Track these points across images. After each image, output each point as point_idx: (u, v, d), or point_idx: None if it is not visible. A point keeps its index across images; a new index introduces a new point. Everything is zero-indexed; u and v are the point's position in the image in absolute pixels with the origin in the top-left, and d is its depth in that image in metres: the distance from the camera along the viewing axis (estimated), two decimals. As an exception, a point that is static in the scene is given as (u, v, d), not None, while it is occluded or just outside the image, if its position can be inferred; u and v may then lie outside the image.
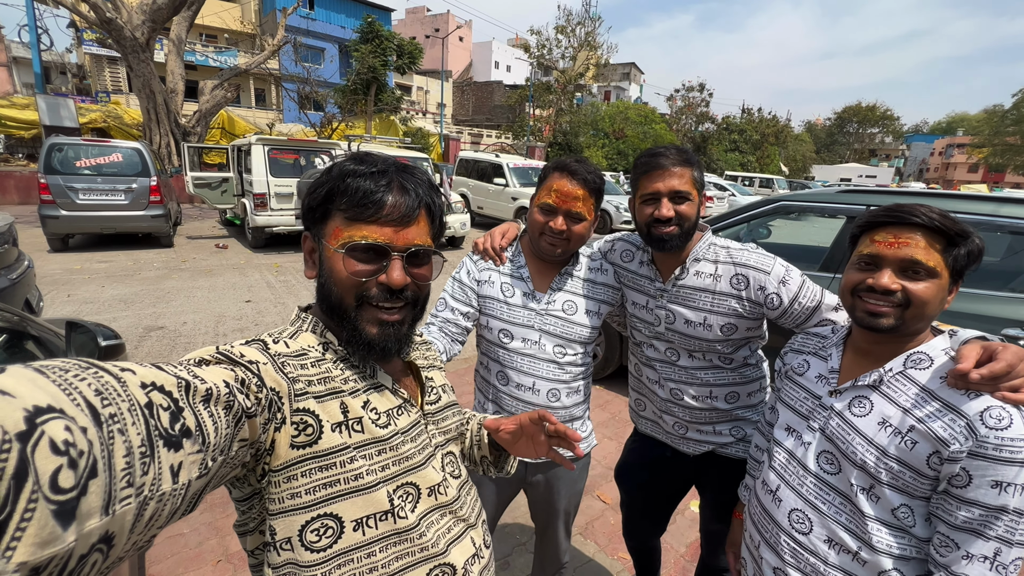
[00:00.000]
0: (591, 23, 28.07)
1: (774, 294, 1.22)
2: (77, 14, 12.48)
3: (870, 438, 0.87)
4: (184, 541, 2.14)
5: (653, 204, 1.23)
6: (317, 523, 0.66)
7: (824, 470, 0.94)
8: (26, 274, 3.60)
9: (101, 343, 1.39)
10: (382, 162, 0.73)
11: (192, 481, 0.43)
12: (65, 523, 0.31)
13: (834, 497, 0.92)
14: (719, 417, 1.38)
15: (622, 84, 48.95)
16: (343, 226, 0.69)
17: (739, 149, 34.46)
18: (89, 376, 0.36)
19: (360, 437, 0.69)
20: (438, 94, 31.72)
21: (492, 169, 12.00)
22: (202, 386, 0.47)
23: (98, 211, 7.20)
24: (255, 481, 0.64)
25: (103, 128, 14.89)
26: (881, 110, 56.99)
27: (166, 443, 0.40)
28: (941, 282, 0.85)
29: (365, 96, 20.31)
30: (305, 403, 0.64)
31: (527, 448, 0.91)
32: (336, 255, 0.69)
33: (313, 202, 0.72)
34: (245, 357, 0.59)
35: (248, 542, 0.70)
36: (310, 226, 0.74)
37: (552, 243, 1.29)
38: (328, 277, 0.71)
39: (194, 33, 22.88)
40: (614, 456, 2.98)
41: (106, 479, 0.34)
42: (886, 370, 0.90)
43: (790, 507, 0.98)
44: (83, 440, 0.32)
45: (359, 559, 0.68)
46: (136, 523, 0.37)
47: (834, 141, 59.22)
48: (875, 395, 0.90)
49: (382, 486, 0.70)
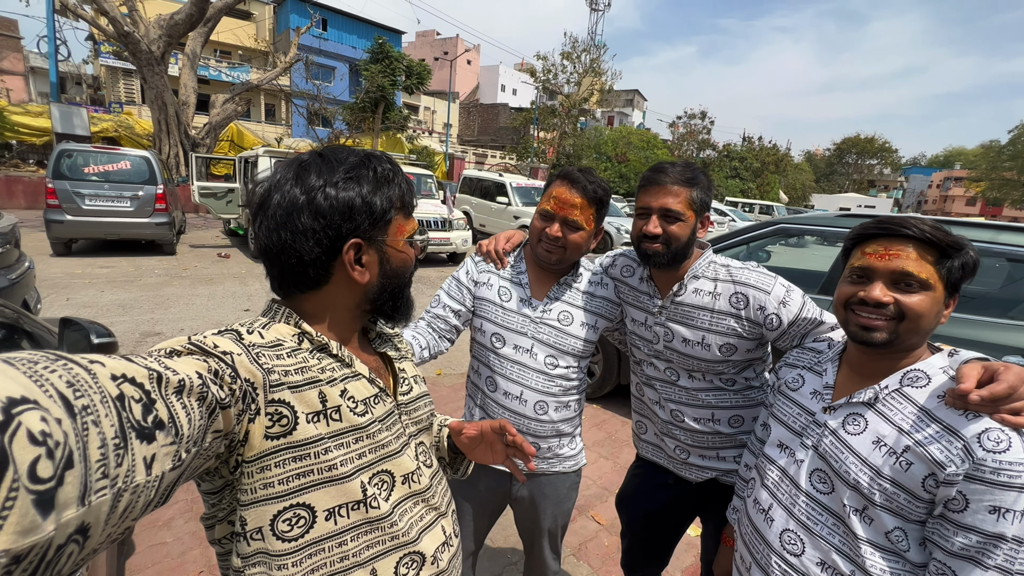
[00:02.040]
0: (596, 50, 28.77)
1: (774, 315, 1.20)
2: (96, 27, 12.84)
3: (864, 457, 0.85)
4: (167, 550, 2.08)
5: (644, 219, 1.23)
6: (289, 512, 0.65)
7: (817, 489, 0.91)
8: (26, 275, 3.60)
9: (94, 340, 1.38)
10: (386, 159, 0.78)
11: (166, 473, 0.43)
12: (44, 512, 0.31)
13: (827, 518, 0.89)
14: (723, 442, 1.34)
15: (625, 110, 49.86)
16: (403, 222, 0.78)
17: (740, 176, 34.89)
18: (59, 368, 0.36)
19: (338, 425, 0.69)
20: (445, 114, 32.28)
21: (495, 188, 12.14)
22: (174, 377, 0.47)
23: (103, 217, 7.25)
24: (227, 473, 0.64)
25: (114, 137, 15.12)
26: (879, 142, 57.85)
27: (139, 435, 0.40)
28: (935, 295, 0.84)
29: (373, 114, 20.69)
30: (280, 394, 0.63)
31: (485, 454, 0.96)
32: (406, 247, 0.78)
33: (384, 206, 0.74)
34: (219, 348, 0.59)
35: (216, 531, 0.69)
36: (369, 236, 0.74)
37: (548, 250, 1.29)
38: (398, 269, 0.78)
39: (209, 49, 23.45)
40: (609, 476, 2.93)
41: (82, 470, 0.34)
42: (881, 387, 0.88)
43: (782, 527, 0.95)
44: (59, 431, 0.33)
45: (330, 548, 0.68)
46: (111, 514, 0.37)
47: (833, 171, 59.95)
48: (870, 413, 0.88)
49: (357, 475, 0.70)
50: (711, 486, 1.39)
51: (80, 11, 12.95)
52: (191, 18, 12.13)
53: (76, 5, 13.01)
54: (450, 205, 9.29)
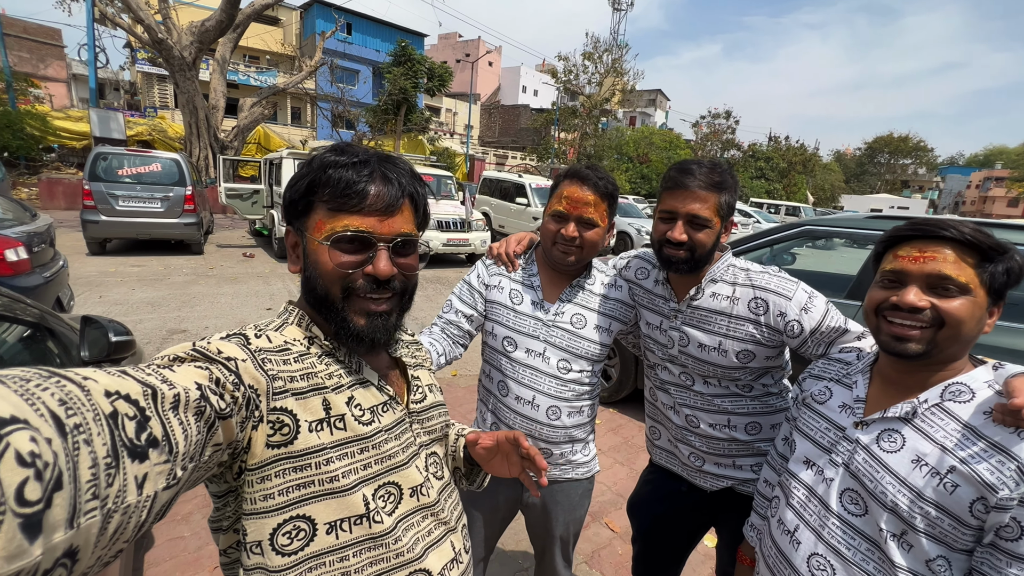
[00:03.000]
0: (618, 50, 28.54)
1: (795, 321, 1.14)
2: (132, 35, 13.34)
3: (902, 477, 0.78)
4: (184, 544, 2.13)
5: (668, 224, 1.18)
6: (289, 525, 0.63)
7: (848, 511, 0.85)
8: (59, 273, 3.75)
9: (112, 338, 1.42)
10: (363, 152, 0.71)
11: (159, 492, 0.42)
12: (32, 536, 0.30)
13: (860, 542, 0.82)
14: (739, 450, 1.29)
15: (647, 110, 49.30)
16: (326, 218, 0.68)
17: (765, 177, 34.08)
18: (52, 385, 0.35)
19: (341, 435, 0.67)
20: (466, 116, 32.48)
21: (515, 189, 12.14)
22: (170, 392, 0.45)
23: (135, 217, 7.51)
24: (231, 479, 0.63)
25: (148, 140, 15.68)
26: (914, 141, 55.77)
27: (131, 453, 0.39)
28: (977, 300, 0.78)
29: (395, 116, 20.95)
30: (283, 402, 0.62)
31: (501, 466, 0.90)
32: (321, 247, 0.68)
33: (294, 195, 0.70)
34: (223, 354, 0.57)
35: (221, 540, 0.68)
36: (292, 220, 0.72)
37: (565, 251, 1.26)
38: (313, 270, 0.70)
39: (238, 54, 24.10)
40: (624, 482, 2.88)
41: (71, 491, 0.33)
42: (920, 401, 0.81)
43: (809, 551, 0.88)
44: (48, 451, 0.32)
45: (331, 563, 0.66)
46: (100, 536, 0.36)
47: (864, 171, 58.05)
48: (907, 429, 0.81)
49: (360, 487, 0.67)
50: (726, 495, 1.34)
51: (118, 19, 13.51)
52: (221, 24, 12.50)
53: (114, 14, 13.58)
54: (469, 206, 9.32)
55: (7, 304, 1.41)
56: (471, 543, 1.42)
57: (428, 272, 8.35)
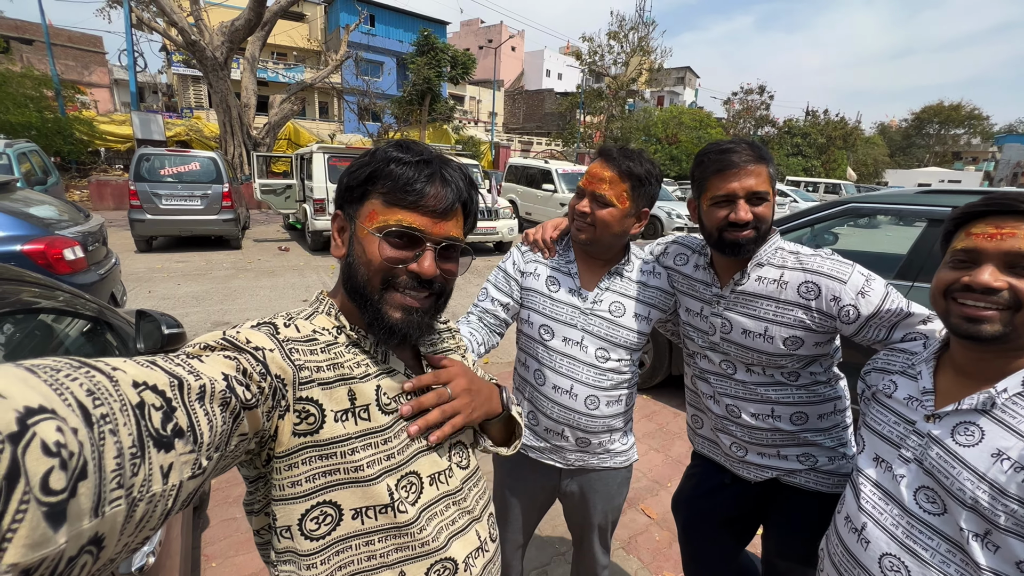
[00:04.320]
0: (644, 28, 27.63)
1: (850, 306, 1.08)
2: (168, 38, 13.80)
3: (982, 473, 0.73)
4: (236, 526, 2.24)
5: (727, 206, 1.11)
6: (316, 511, 0.65)
7: (925, 510, 0.79)
8: (112, 270, 3.96)
9: (164, 331, 1.50)
10: (427, 151, 0.72)
11: (184, 482, 0.43)
12: (56, 525, 0.30)
13: (939, 543, 0.77)
14: (783, 440, 1.24)
15: (676, 89, 47.70)
16: (381, 210, 0.69)
17: (802, 153, 32.52)
18: (80, 376, 0.36)
19: (366, 425, 0.68)
20: (490, 103, 32.27)
21: (541, 175, 12.02)
22: (196, 383, 0.46)
23: (178, 215, 7.85)
24: (260, 466, 0.65)
25: (185, 140, 16.28)
26: (967, 109, 51.96)
27: (156, 444, 0.40)
28: None
29: (420, 106, 21.02)
30: (309, 391, 0.63)
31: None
32: (370, 237, 0.69)
33: (353, 181, 0.71)
34: (251, 343, 0.59)
35: (254, 522, 0.71)
36: (344, 205, 0.73)
37: (579, 227, 1.24)
38: (358, 258, 0.70)
39: (266, 52, 24.62)
40: (660, 469, 2.85)
41: (96, 481, 0.34)
42: (999, 390, 0.75)
43: (881, 551, 0.83)
44: (74, 441, 0.32)
45: (358, 547, 0.68)
46: (126, 524, 0.37)
47: (911, 144, 54.56)
48: (985, 420, 0.75)
49: (383, 478, 0.68)
50: (772, 486, 1.30)
51: (153, 24, 13.98)
52: (249, 23, 12.75)
53: (150, 19, 14.05)
54: (494, 194, 9.30)
55: (69, 300, 1.50)
56: (509, 531, 1.44)
57: (457, 261, 8.40)
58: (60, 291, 1.50)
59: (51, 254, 3.28)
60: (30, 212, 3.51)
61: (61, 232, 3.50)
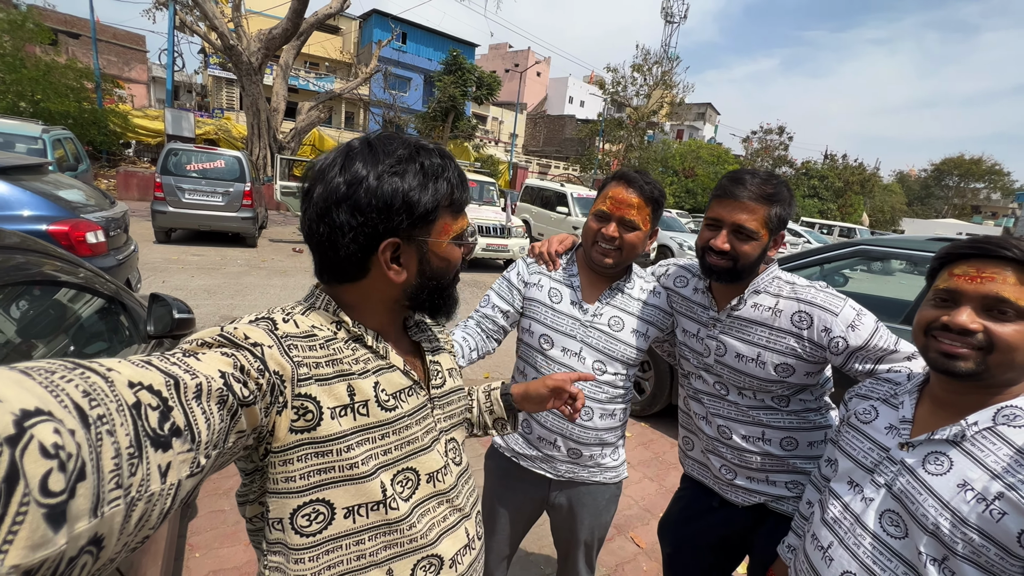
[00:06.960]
0: (668, 63, 28.15)
1: (840, 337, 1.11)
2: (207, 41, 14.35)
3: (945, 501, 0.75)
4: (224, 517, 2.24)
5: (713, 231, 1.17)
6: (308, 508, 0.65)
7: (887, 532, 0.82)
8: (131, 257, 4.06)
9: (175, 315, 1.54)
10: (434, 149, 0.72)
11: (182, 480, 0.43)
12: (56, 526, 0.31)
13: (897, 564, 0.80)
14: (772, 465, 1.25)
15: (696, 123, 48.26)
16: (451, 220, 0.73)
17: (819, 195, 32.51)
18: (76, 377, 0.36)
19: (364, 420, 0.68)
20: (512, 125, 32.86)
21: (556, 198, 12.15)
22: (192, 381, 0.46)
23: (199, 210, 8.03)
24: (257, 460, 0.66)
25: (213, 139, 16.75)
26: (988, 164, 51.76)
27: (154, 443, 0.40)
28: None
29: (443, 123, 21.49)
30: (307, 388, 0.63)
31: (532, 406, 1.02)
32: (451, 247, 0.74)
33: (428, 206, 0.68)
34: (249, 339, 0.59)
35: (247, 510, 0.72)
36: (411, 229, 0.69)
37: (604, 252, 1.26)
38: (439, 270, 0.74)
39: (299, 61, 25.41)
40: (653, 497, 2.81)
41: (95, 481, 0.34)
42: (969, 423, 0.78)
43: (842, 569, 0.86)
44: (71, 443, 0.32)
45: (347, 546, 0.68)
46: (125, 524, 0.37)
47: (929, 194, 54.29)
48: (955, 452, 0.78)
49: (378, 474, 0.69)
50: (759, 512, 1.30)
51: (195, 27, 14.57)
52: (286, 32, 13.24)
53: (193, 22, 14.65)
54: (509, 212, 9.40)
55: (89, 277, 1.56)
56: (495, 540, 1.44)
57: (466, 276, 8.45)
58: (82, 268, 1.56)
59: (74, 236, 3.38)
60: (59, 195, 3.64)
61: (86, 216, 3.61)
